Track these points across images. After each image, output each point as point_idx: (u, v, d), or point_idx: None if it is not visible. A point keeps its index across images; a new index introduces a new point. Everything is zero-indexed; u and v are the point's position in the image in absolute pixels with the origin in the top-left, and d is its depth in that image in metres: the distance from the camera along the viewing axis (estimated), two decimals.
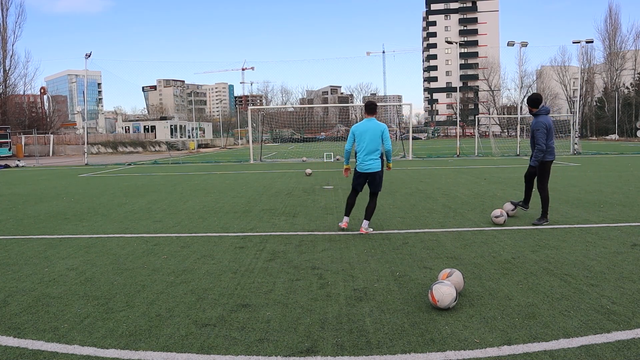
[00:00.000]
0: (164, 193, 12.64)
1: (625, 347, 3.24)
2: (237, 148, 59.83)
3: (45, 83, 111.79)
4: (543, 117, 7.33)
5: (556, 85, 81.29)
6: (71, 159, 37.84)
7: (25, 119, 57.32)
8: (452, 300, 3.87)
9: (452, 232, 6.95)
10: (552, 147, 7.33)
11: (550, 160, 7.39)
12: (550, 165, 7.43)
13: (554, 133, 7.65)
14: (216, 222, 8.21)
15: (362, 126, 6.92)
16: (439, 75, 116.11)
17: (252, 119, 31.32)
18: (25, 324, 3.87)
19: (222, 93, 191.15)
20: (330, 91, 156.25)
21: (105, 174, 20.22)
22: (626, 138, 58.94)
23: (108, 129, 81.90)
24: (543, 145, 7.21)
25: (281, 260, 5.60)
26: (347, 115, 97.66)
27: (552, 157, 7.39)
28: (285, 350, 3.31)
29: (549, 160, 7.38)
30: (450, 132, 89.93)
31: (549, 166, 7.42)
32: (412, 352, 3.24)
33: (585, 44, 29.86)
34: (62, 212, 9.71)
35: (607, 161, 21.04)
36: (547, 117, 7.34)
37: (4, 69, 52.51)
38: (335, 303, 4.19)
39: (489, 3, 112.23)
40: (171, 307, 4.16)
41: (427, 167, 20.01)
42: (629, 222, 7.31)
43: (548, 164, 7.39)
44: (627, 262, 5.21)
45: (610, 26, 74.25)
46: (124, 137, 57.17)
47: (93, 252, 6.25)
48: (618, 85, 71.07)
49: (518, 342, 3.34)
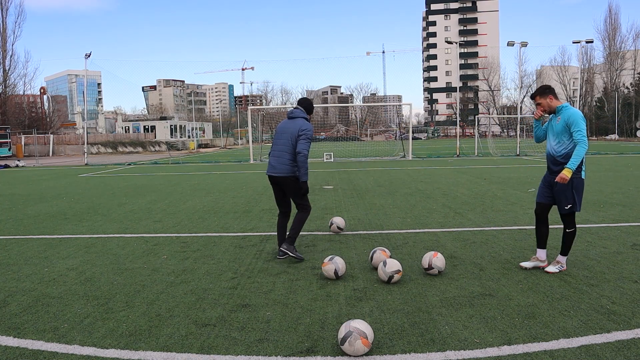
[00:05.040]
0: (164, 193, 12.63)
1: (625, 347, 3.24)
2: (237, 148, 59.82)
3: (45, 83, 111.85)
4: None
5: (556, 85, 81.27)
6: (71, 159, 37.84)
7: (25, 119, 57.29)
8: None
9: (452, 232, 6.95)
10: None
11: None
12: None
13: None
14: (216, 222, 8.21)
15: None
16: (438, 75, 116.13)
17: (252, 119, 31.32)
18: (25, 324, 3.87)
19: (222, 93, 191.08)
20: (330, 91, 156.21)
21: (105, 174, 20.22)
22: (626, 138, 58.95)
23: (108, 129, 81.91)
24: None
25: (281, 260, 5.60)
26: (347, 115, 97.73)
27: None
28: (285, 350, 3.31)
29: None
30: (450, 132, 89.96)
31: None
32: (412, 352, 3.24)
33: (585, 44, 29.90)
34: (62, 212, 9.71)
35: (607, 161, 21.04)
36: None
37: (4, 69, 52.50)
38: (335, 303, 4.19)
39: (489, 3, 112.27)
40: (171, 307, 4.16)
41: (427, 167, 20.01)
42: (629, 222, 7.31)
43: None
44: (627, 262, 5.21)
45: (610, 26, 74.35)
46: (123, 137, 57.16)
47: (93, 252, 6.24)
48: (618, 85, 71.10)
49: (518, 342, 3.34)
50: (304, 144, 5.36)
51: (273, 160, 5.55)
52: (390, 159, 26.36)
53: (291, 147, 5.41)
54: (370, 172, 17.81)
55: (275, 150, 5.56)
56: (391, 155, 29.04)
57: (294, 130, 5.42)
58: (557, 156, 4.88)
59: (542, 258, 5.05)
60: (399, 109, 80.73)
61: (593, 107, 74.44)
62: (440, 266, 4.87)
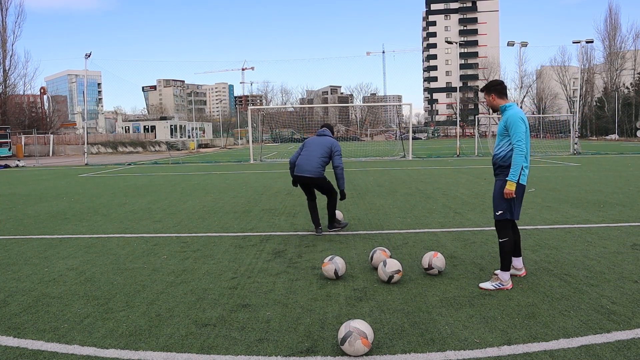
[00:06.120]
0: (164, 193, 12.63)
1: (625, 347, 3.24)
2: (237, 148, 59.82)
3: (45, 83, 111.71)
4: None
5: (556, 85, 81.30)
6: (71, 159, 37.84)
7: (25, 119, 57.26)
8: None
9: (452, 232, 6.95)
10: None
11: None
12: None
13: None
14: (216, 222, 8.21)
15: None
16: (439, 75, 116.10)
17: (252, 119, 31.32)
18: (25, 324, 3.87)
19: (222, 93, 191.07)
20: (330, 91, 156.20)
21: (105, 174, 20.22)
22: (626, 138, 58.93)
23: (108, 129, 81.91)
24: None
25: (281, 260, 5.60)
26: (347, 115, 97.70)
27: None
28: (285, 350, 3.31)
29: None
30: (450, 132, 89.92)
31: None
32: (412, 352, 3.24)
33: (585, 44, 29.86)
34: (62, 212, 9.71)
35: (607, 161, 21.04)
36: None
37: (4, 69, 52.46)
38: (335, 303, 4.19)
39: (489, 3, 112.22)
40: (171, 307, 4.16)
41: (427, 167, 20.01)
42: (629, 222, 7.31)
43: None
44: (627, 262, 5.21)
45: (610, 26, 74.28)
46: (123, 137, 57.16)
47: (93, 252, 6.25)
48: (618, 85, 71.07)
49: (518, 342, 3.34)
50: (340, 159, 6.80)
51: (303, 162, 6.79)
52: (390, 159, 26.36)
53: (323, 155, 6.77)
54: (370, 172, 17.81)
55: (305, 155, 6.83)
56: (391, 155, 29.04)
57: (326, 144, 6.82)
58: (495, 159, 4.55)
59: (518, 266, 4.73)
60: (399, 109, 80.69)
61: (593, 107, 74.42)
62: (440, 266, 4.87)
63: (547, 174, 15.28)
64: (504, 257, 4.47)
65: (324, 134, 7.08)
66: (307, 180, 6.84)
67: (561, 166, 18.70)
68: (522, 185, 4.43)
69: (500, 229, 4.52)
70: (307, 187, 7.01)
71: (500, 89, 4.59)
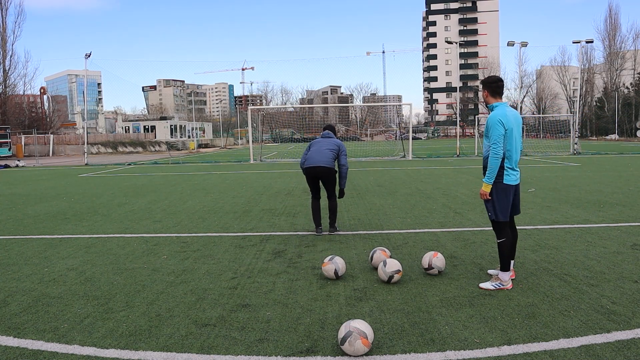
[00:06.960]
0: (164, 193, 12.63)
1: (625, 347, 3.24)
2: (237, 148, 59.81)
3: (45, 83, 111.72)
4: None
5: (556, 85, 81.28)
6: (71, 159, 37.84)
7: (25, 119, 57.25)
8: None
9: (452, 232, 6.95)
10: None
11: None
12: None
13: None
14: (216, 222, 8.21)
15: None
16: (439, 75, 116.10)
17: (252, 119, 31.33)
18: (25, 324, 3.87)
19: (222, 93, 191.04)
20: (330, 91, 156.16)
21: (105, 174, 20.22)
22: (626, 138, 58.94)
23: (108, 129, 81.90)
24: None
25: (281, 260, 5.60)
26: (347, 115, 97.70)
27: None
28: (285, 350, 3.31)
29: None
30: (450, 132, 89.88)
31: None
32: (412, 352, 3.24)
33: (585, 44, 29.84)
34: (62, 212, 9.71)
35: (607, 161, 21.04)
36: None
37: (4, 69, 52.40)
38: (335, 303, 4.19)
39: (489, 3, 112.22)
40: (171, 307, 4.16)
41: (427, 167, 20.01)
42: (629, 222, 7.31)
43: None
44: (627, 262, 5.21)
45: (610, 26, 74.27)
46: (123, 137, 57.15)
47: (93, 252, 6.25)
48: (618, 85, 71.07)
49: (518, 342, 3.34)
50: (346, 159, 7.02)
51: (314, 155, 6.93)
52: (390, 159, 26.36)
53: (332, 149, 6.98)
54: (370, 172, 17.81)
55: (315, 149, 6.98)
56: (391, 155, 29.03)
57: (333, 143, 7.06)
58: (483, 161, 4.55)
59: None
60: (399, 109, 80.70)
61: (593, 107, 74.42)
62: (440, 266, 4.87)
63: (547, 174, 15.28)
64: (502, 257, 4.47)
65: (329, 135, 7.28)
66: (320, 170, 6.87)
67: (561, 166, 18.70)
68: (509, 186, 4.41)
69: (497, 230, 4.53)
70: (316, 181, 7.06)
71: (495, 88, 4.53)
